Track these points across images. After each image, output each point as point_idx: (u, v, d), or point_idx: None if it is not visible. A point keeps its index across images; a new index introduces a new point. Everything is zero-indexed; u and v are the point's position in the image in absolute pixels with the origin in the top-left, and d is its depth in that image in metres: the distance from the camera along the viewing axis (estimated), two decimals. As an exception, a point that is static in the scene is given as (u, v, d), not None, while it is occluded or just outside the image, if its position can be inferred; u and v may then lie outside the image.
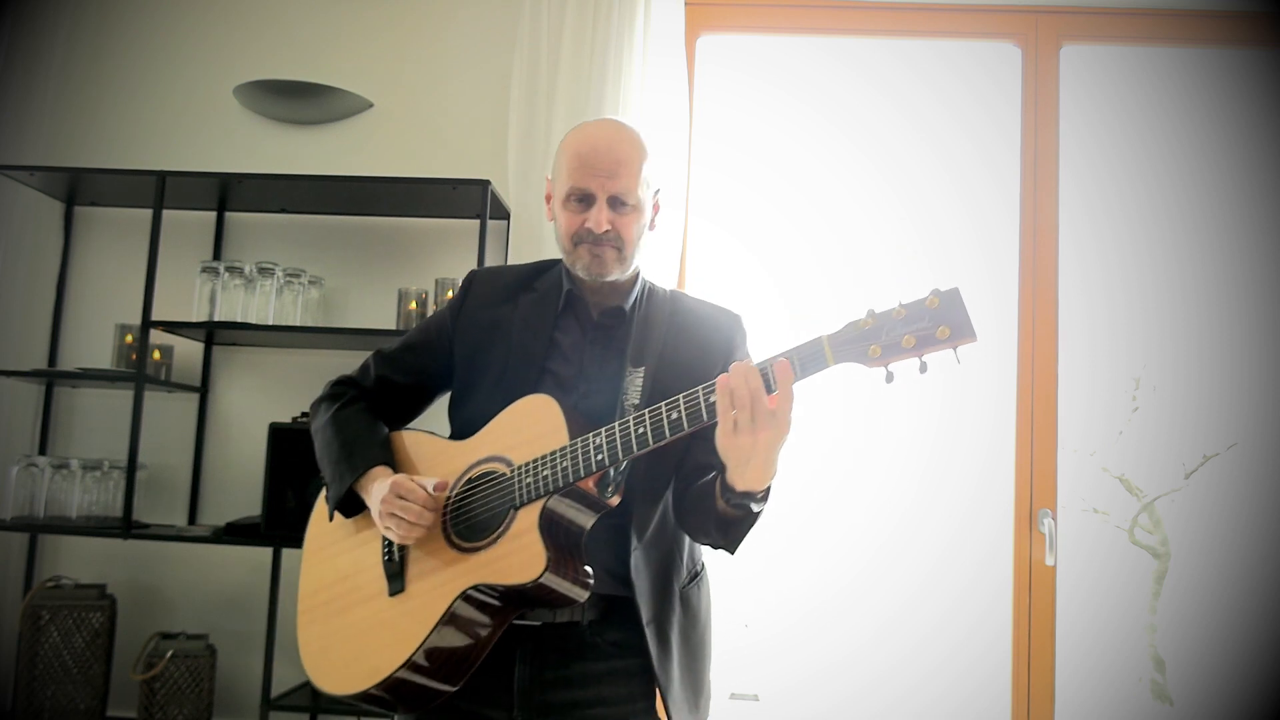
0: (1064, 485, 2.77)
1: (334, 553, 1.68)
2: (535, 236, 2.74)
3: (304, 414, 2.66)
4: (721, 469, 1.41)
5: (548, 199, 1.71)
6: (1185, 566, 3.91)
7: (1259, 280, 3.22)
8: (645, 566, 1.57)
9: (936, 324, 1.24)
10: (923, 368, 1.27)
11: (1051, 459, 2.75)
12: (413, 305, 2.78)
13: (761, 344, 1.66)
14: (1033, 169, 2.85)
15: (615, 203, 1.60)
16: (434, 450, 1.64)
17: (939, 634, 3.66)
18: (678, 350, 1.62)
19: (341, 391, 1.75)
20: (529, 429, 1.51)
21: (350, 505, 1.63)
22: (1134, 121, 3.37)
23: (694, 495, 1.55)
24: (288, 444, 2.59)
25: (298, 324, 2.80)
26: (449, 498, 1.56)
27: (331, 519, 1.67)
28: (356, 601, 1.60)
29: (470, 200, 2.74)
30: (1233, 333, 3.42)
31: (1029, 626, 2.71)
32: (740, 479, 1.37)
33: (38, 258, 3.01)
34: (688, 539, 1.67)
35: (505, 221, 2.84)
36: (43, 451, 2.95)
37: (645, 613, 1.55)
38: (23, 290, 2.98)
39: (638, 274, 1.71)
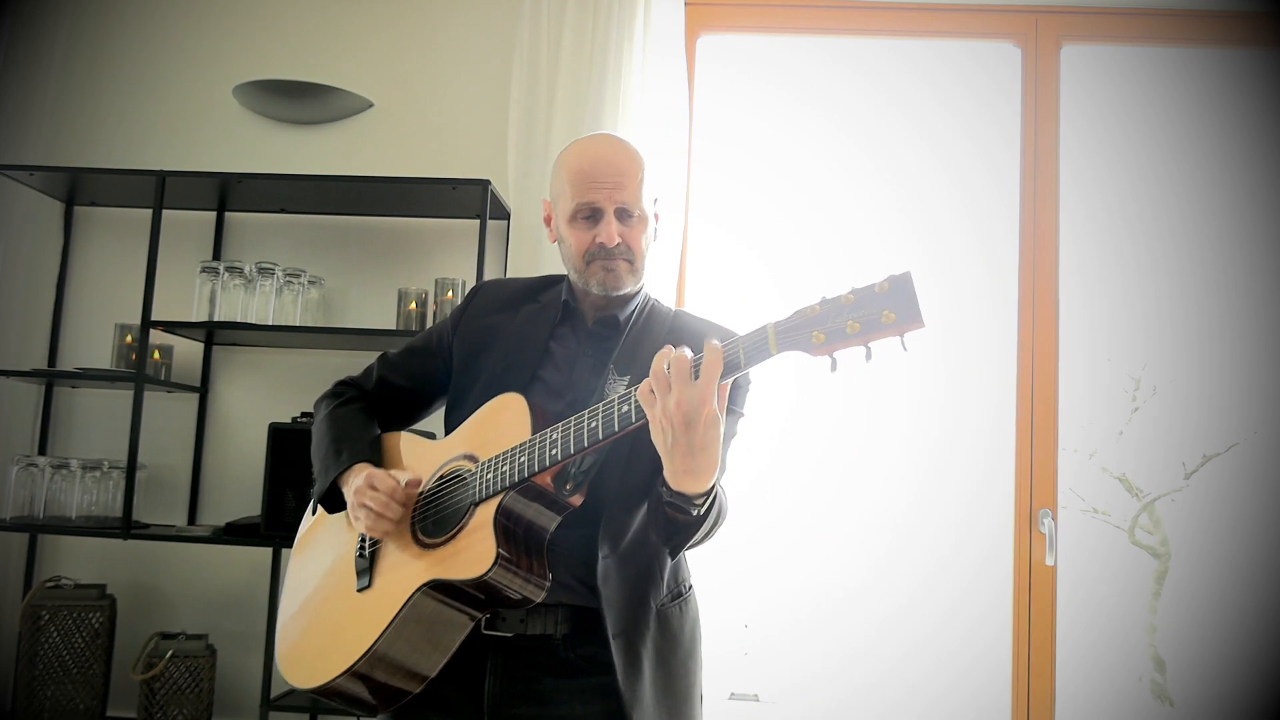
0: (1064, 485, 2.77)
1: (318, 549, 1.70)
2: (535, 236, 2.75)
3: (304, 414, 2.66)
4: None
5: (547, 221, 1.72)
6: (1185, 566, 3.90)
7: (1259, 280, 3.22)
8: (616, 577, 1.53)
9: (882, 309, 1.19)
10: (868, 354, 1.21)
11: (1051, 459, 2.75)
12: (412, 305, 2.79)
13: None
14: (1033, 169, 2.85)
15: (622, 214, 1.60)
16: (417, 450, 1.66)
17: (939, 634, 3.66)
18: None
19: (342, 391, 1.78)
20: (497, 427, 1.51)
21: (336, 502, 1.64)
22: (1134, 121, 3.37)
23: (654, 499, 1.50)
24: (288, 444, 2.59)
25: (297, 324, 2.80)
26: (421, 494, 1.57)
27: (314, 512, 1.70)
28: (329, 597, 1.62)
29: (470, 200, 2.74)
30: (1233, 333, 3.42)
31: (1029, 626, 2.71)
32: (673, 477, 1.33)
33: (38, 258, 3.01)
34: (668, 559, 1.63)
35: (505, 221, 2.84)
36: (42, 451, 2.95)
37: (612, 625, 1.51)
38: (23, 290, 2.98)
39: (641, 288, 1.71)
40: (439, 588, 1.45)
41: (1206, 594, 3.78)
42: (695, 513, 1.40)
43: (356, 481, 1.56)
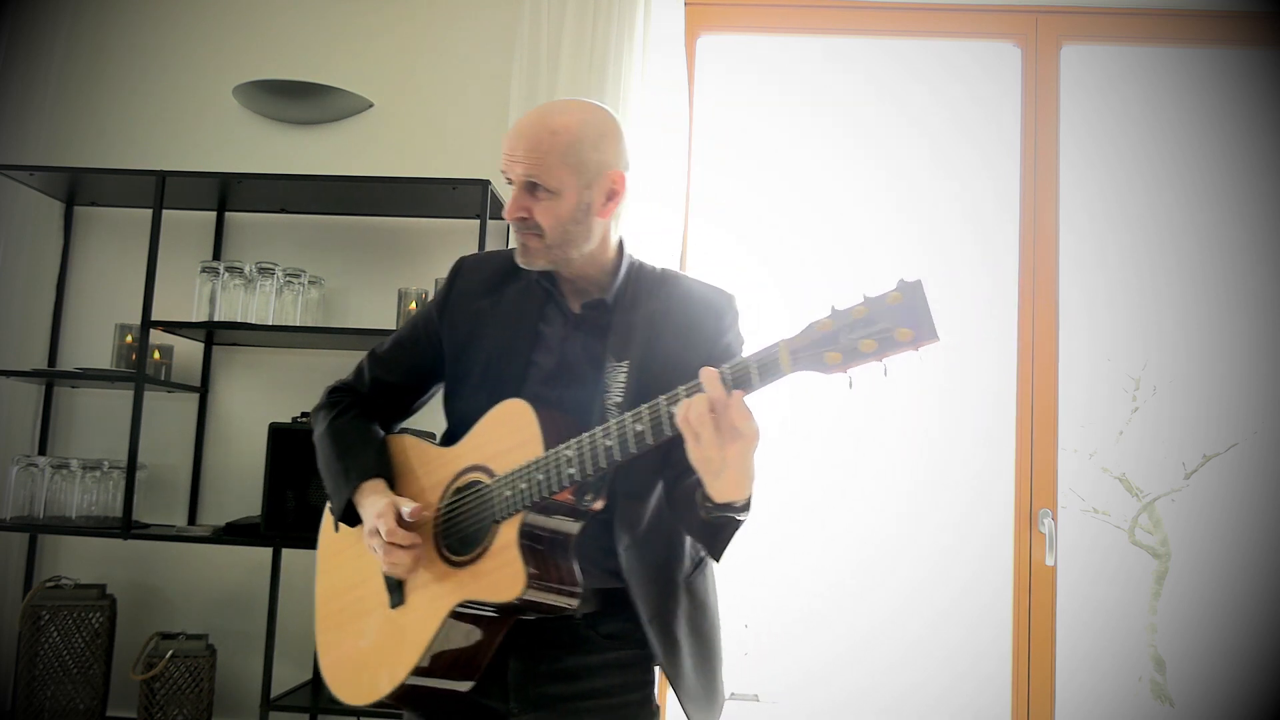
0: (1064, 485, 2.77)
1: (344, 560, 1.69)
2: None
3: (304, 414, 2.66)
4: (700, 479, 1.36)
5: None
6: (1185, 566, 3.91)
7: (1259, 280, 3.22)
8: (640, 564, 1.54)
9: (897, 325, 1.16)
10: (884, 371, 1.19)
11: (1051, 459, 2.75)
12: (413, 305, 2.79)
13: (760, 341, 1.64)
14: (1033, 169, 2.84)
15: (531, 187, 1.55)
16: (425, 457, 1.64)
17: (939, 634, 3.66)
18: (663, 337, 1.58)
19: (338, 399, 1.74)
20: (506, 438, 1.50)
21: (352, 515, 1.63)
22: (1134, 121, 3.37)
23: (680, 498, 1.51)
24: (288, 444, 2.59)
25: (298, 324, 2.80)
26: (440, 509, 1.56)
27: (337, 529, 1.68)
28: (362, 612, 1.61)
29: (470, 200, 2.74)
30: (1233, 332, 3.42)
31: (1029, 626, 2.71)
32: (716, 491, 1.33)
33: (38, 258, 3.01)
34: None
35: (505, 221, 2.83)
36: (42, 451, 2.95)
37: (645, 611, 1.53)
38: (23, 290, 2.98)
39: (622, 257, 1.66)
40: (473, 606, 1.46)
41: (1206, 594, 3.78)
42: (741, 519, 1.41)
43: (367, 515, 1.54)
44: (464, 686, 1.54)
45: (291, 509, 2.57)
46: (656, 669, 1.59)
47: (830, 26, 3.00)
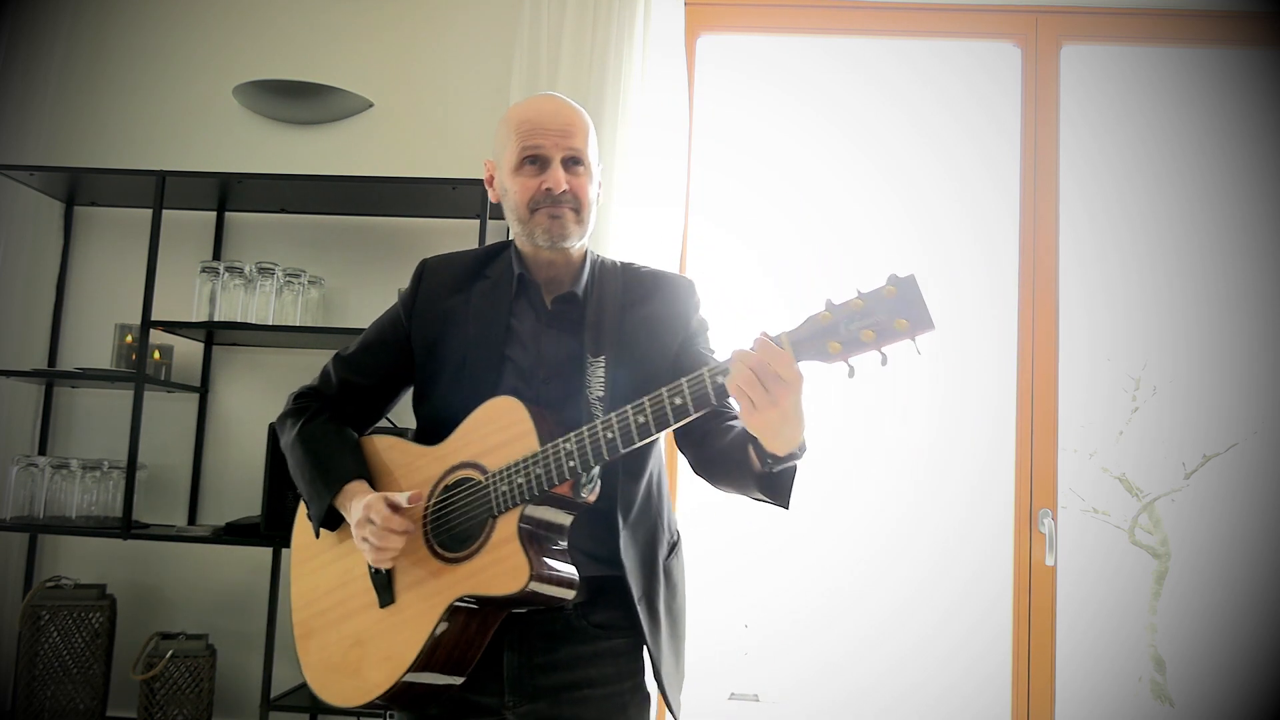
0: (1064, 485, 2.77)
1: (322, 563, 1.68)
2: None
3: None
4: (753, 441, 1.39)
5: (489, 182, 1.71)
6: (1185, 566, 3.91)
7: (1259, 280, 3.22)
8: (632, 545, 1.57)
9: (894, 316, 1.23)
10: (883, 360, 1.26)
11: (1051, 459, 2.75)
12: (413, 305, 2.79)
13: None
14: (1033, 169, 2.85)
15: (570, 163, 1.58)
16: (406, 457, 1.63)
17: (939, 634, 3.66)
18: (635, 331, 1.61)
19: (305, 405, 1.73)
20: (499, 433, 1.50)
21: (331, 519, 1.63)
22: (1134, 121, 3.37)
23: (724, 462, 1.53)
24: (288, 444, 2.59)
25: (298, 324, 2.80)
26: (427, 507, 1.56)
27: (318, 535, 1.67)
28: (348, 614, 1.61)
29: (470, 200, 2.74)
30: (1233, 332, 3.42)
31: (1029, 626, 2.71)
32: (779, 447, 1.36)
33: (38, 258, 3.01)
34: (666, 511, 1.68)
35: (505, 221, 2.83)
36: (42, 451, 2.95)
37: (635, 590, 1.55)
38: (23, 290, 2.98)
39: (586, 252, 1.68)
40: (471, 601, 1.47)
41: (1206, 594, 3.78)
42: (801, 460, 1.43)
43: (355, 510, 1.54)
44: (456, 682, 1.54)
45: (291, 509, 2.56)
46: (645, 656, 1.61)
47: (830, 26, 3.00)
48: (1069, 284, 2.84)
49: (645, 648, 1.57)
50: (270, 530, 2.57)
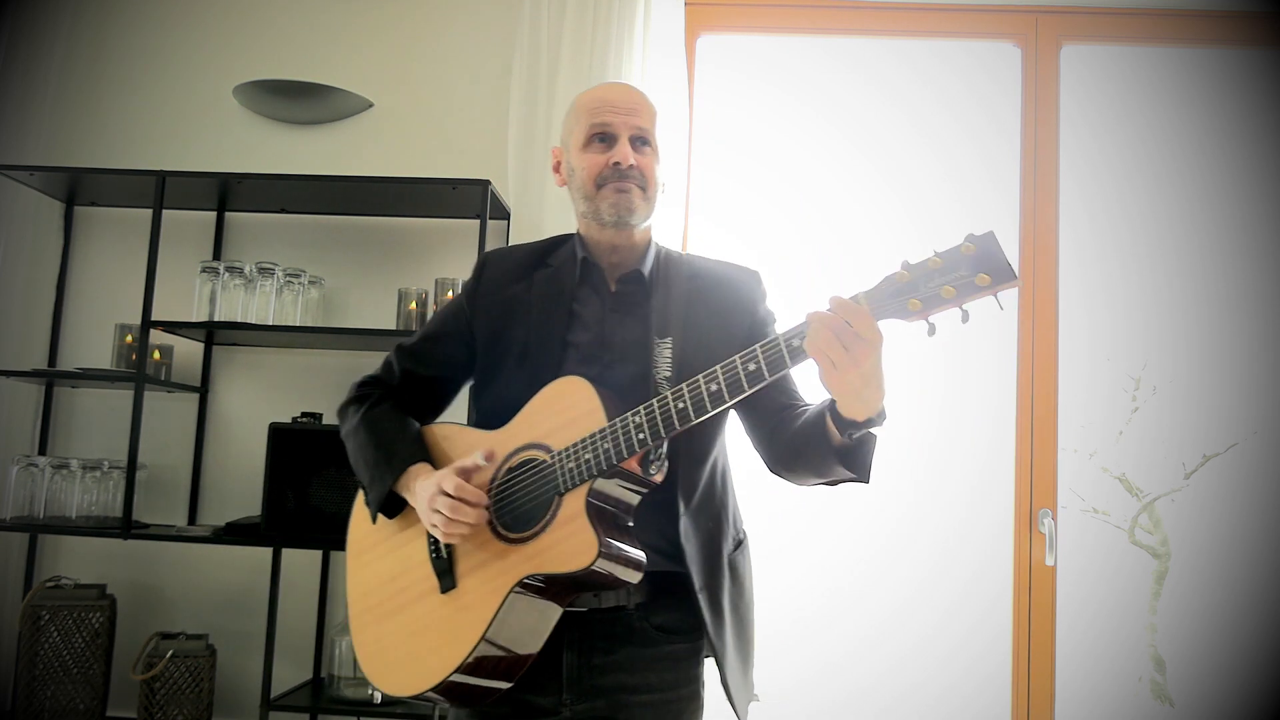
0: (1064, 485, 2.78)
1: (379, 554, 1.66)
2: (535, 236, 2.74)
3: (305, 414, 2.66)
4: (831, 405, 1.37)
5: (556, 168, 1.71)
6: (1185, 566, 3.90)
7: (1259, 280, 3.22)
8: (694, 533, 1.55)
9: (975, 271, 1.22)
10: (965, 317, 1.24)
11: (1051, 459, 2.75)
12: (413, 305, 2.79)
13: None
14: (1032, 169, 2.85)
15: (637, 141, 1.60)
16: (468, 442, 1.61)
17: (939, 634, 3.65)
18: (701, 317, 1.60)
19: (368, 392, 1.72)
20: (564, 412, 1.49)
21: (390, 506, 1.61)
22: (1134, 121, 3.36)
23: (800, 442, 1.50)
24: (288, 444, 2.59)
25: (298, 324, 2.80)
26: (491, 488, 1.53)
27: (375, 521, 1.65)
28: (408, 601, 1.58)
29: (470, 200, 2.74)
30: (1233, 332, 3.41)
31: (1029, 626, 2.71)
32: (859, 411, 1.34)
33: (38, 258, 3.02)
34: (731, 505, 1.65)
35: (505, 221, 2.84)
36: (42, 451, 2.95)
37: (697, 580, 1.53)
38: (23, 290, 2.98)
39: (650, 236, 1.69)
40: (538, 581, 1.45)
41: (1206, 594, 3.78)
42: (879, 427, 1.41)
43: (424, 487, 1.51)
44: (507, 683, 1.51)
45: (291, 509, 2.57)
46: (705, 662, 1.60)
47: (830, 26, 3.00)
48: (1069, 284, 2.84)
49: (708, 650, 1.55)
50: (270, 530, 2.57)
